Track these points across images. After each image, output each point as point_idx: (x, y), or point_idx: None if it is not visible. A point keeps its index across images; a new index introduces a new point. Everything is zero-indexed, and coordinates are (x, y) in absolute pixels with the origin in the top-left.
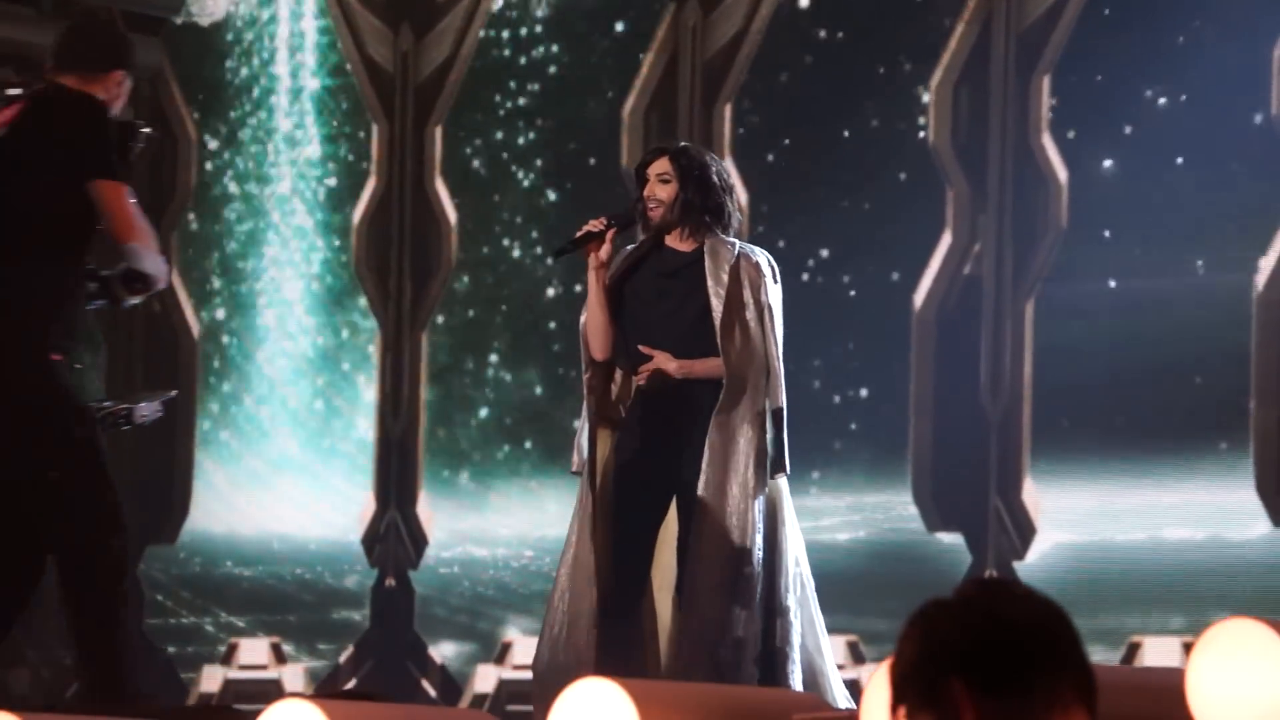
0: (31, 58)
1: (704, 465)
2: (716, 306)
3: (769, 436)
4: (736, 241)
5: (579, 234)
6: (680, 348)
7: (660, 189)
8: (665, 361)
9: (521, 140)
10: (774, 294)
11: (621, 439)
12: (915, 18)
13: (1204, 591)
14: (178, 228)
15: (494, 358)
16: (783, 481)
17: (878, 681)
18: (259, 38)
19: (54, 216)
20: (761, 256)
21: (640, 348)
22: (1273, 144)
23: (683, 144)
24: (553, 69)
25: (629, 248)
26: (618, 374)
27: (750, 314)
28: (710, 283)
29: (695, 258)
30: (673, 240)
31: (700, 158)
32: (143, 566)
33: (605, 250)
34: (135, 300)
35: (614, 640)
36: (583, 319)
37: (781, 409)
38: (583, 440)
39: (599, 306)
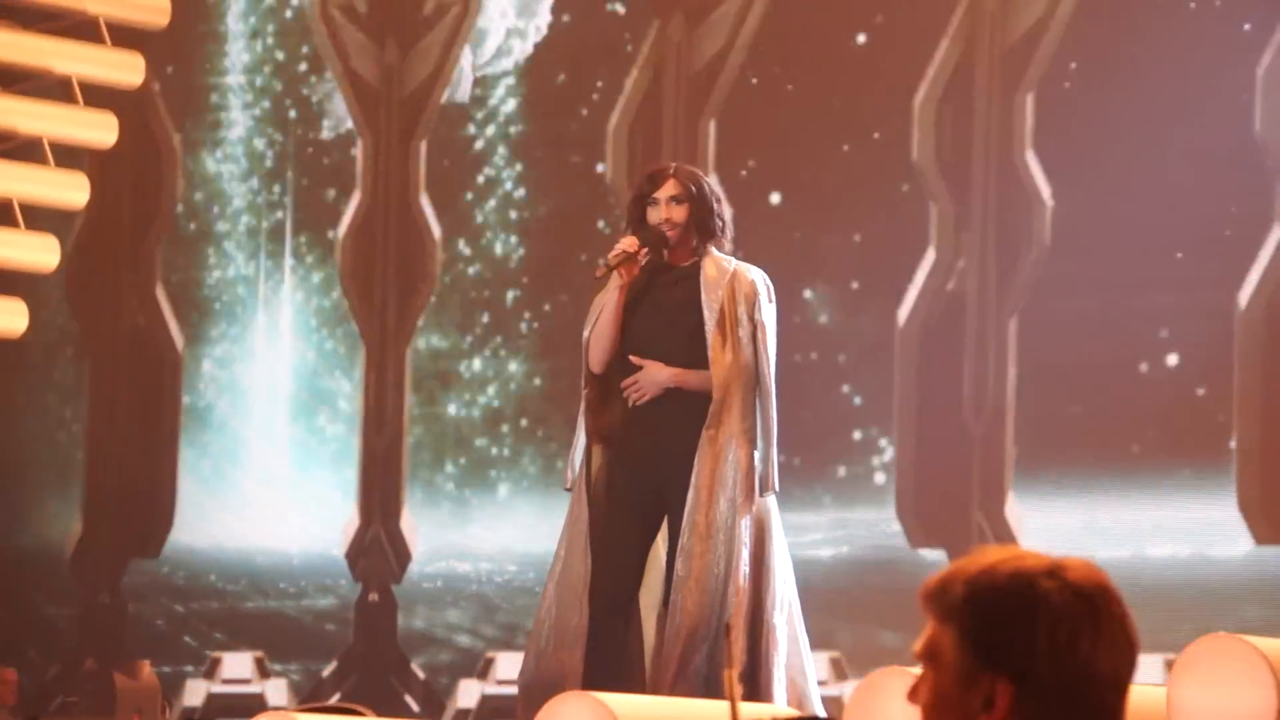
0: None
1: (692, 481)
2: (710, 322)
3: (758, 454)
4: (732, 259)
5: (615, 256)
6: (673, 362)
7: (675, 210)
8: (658, 370)
9: (507, 153)
10: (768, 312)
11: (614, 455)
12: (900, 34)
13: (1187, 608)
14: (162, 243)
15: (478, 371)
16: (772, 500)
17: (858, 698)
18: (247, 49)
19: None
20: (757, 274)
21: (632, 358)
22: (1256, 162)
23: (674, 164)
24: (539, 81)
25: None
26: (615, 390)
27: (743, 331)
28: (705, 298)
29: (691, 273)
30: (670, 256)
31: (699, 175)
32: (126, 580)
33: (635, 270)
34: None
35: (603, 657)
36: (586, 332)
37: (772, 427)
38: (576, 456)
39: (612, 322)
